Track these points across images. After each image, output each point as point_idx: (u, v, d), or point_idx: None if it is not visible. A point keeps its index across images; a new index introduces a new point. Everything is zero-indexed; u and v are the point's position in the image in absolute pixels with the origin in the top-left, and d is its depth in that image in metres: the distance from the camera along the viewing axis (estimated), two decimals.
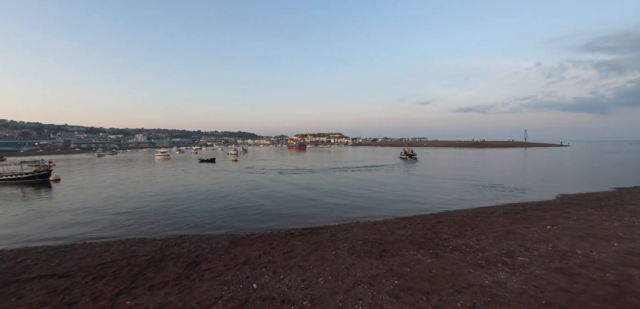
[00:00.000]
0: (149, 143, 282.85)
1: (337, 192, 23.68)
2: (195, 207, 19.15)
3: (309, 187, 26.41)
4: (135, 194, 24.46)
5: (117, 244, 11.76)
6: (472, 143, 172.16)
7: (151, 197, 22.62)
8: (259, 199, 21.52)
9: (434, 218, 14.70)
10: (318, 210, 17.97)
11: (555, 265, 7.03)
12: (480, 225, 12.39)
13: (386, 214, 16.65)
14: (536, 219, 13.19)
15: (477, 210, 16.73)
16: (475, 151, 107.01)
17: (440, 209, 17.49)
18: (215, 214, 17.16)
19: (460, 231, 11.35)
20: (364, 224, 13.94)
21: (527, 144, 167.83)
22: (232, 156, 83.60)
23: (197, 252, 9.92)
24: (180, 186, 28.46)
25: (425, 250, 8.73)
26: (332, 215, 16.75)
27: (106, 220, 16.45)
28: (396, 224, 13.45)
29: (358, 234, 11.67)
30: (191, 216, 16.85)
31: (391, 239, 10.42)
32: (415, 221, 13.99)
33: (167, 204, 20.21)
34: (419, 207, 18.45)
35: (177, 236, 13.08)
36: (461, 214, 15.49)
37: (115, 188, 27.74)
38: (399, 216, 15.94)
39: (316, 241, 10.75)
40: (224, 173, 39.07)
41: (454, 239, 10.03)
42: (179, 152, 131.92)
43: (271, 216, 16.56)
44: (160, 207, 19.08)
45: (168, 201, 21.04)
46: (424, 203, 19.56)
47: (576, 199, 18.92)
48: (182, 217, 16.62)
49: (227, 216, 16.67)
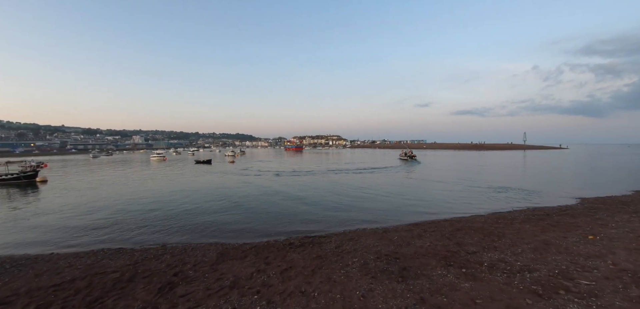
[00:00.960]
0: (146, 144, 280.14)
1: (338, 196, 21.95)
2: (185, 211, 17.42)
3: (307, 191, 24.64)
4: (123, 196, 22.68)
5: (87, 256, 10.05)
6: (472, 146, 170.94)
7: (139, 201, 20.87)
8: (255, 203, 19.77)
9: (449, 225, 13.07)
10: (319, 215, 16.23)
11: (637, 293, 5.41)
12: (506, 234, 10.78)
13: (394, 220, 14.99)
14: (568, 226, 11.60)
15: (495, 216, 15.12)
16: (475, 153, 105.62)
17: (451, 214, 15.87)
18: (205, 220, 15.42)
19: (488, 242, 9.73)
20: (373, 232, 12.29)
21: (526, 146, 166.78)
22: (229, 157, 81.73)
23: (177, 268, 8.23)
24: (173, 188, 26.69)
25: (455, 268, 7.09)
26: (335, 221, 15.06)
27: (84, 226, 14.70)
28: (409, 232, 11.81)
29: (368, 244, 10.03)
30: (179, 222, 15.14)
31: (409, 252, 8.78)
32: (430, 229, 12.35)
33: (155, 208, 18.47)
34: (428, 212, 16.83)
35: (159, 245, 11.39)
36: (479, 220, 13.87)
37: (103, 190, 25.94)
38: (410, 222, 14.31)
39: (319, 254, 9.09)
40: (219, 175, 37.30)
41: (485, 253, 8.41)
42: (175, 153, 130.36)
43: (267, 223, 14.83)
44: (147, 212, 17.36)
45: (157, 205, 19.30)
46: (432, 207, 17.93)
47: (600, 204, 17.37)
48: (169, 223, 14.91)
49: (219, 223, 14.92)
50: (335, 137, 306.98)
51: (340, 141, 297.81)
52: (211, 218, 15.80)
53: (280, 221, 15.04)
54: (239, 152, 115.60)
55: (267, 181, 30.45)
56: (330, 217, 15.86)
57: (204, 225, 14.53)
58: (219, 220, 15.41)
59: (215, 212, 17.28)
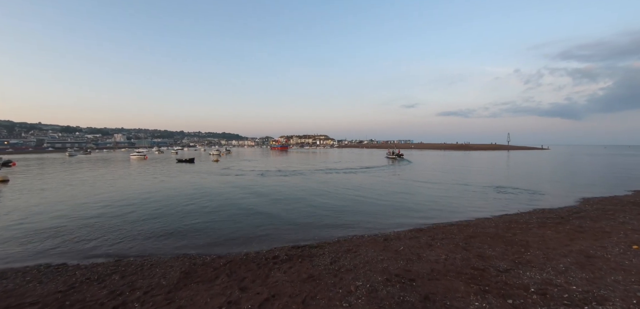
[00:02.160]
0: (129, 143, 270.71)
1: (327, 198, 19.93)
2: (154, 216, 15.08)
3: (293, 192, 22.54)
4: (89, 199, 20.02)
5: (15, 276, 7.76)
6: (457, 146, 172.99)
7: (106, 203, 18.33)
8: (235, 206, 17.53)
9: (458, 231, 11.40)
10: (307, 220, 14.21)
11: None
12: (530, 242, 9.17)
13: (393, 225, 13.22)
14: (597, 232, 10.12)
15: (504, 219, 13.59)
16: (461, 153, 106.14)
17: (455, 218, 14.29)
18: (176, 227, 13.16)
19: (515, 254, 8.06)
20: (372, 240, 10.46)
21: (510, 147, 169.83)
22: (214, 156, 78.62)
23: (120, 298, 6.12)
24: (146, 189, 24.13)
25: (496, 298, 5.31)
26: (326, 226, 13.15)
27: (30, 233, 12.23)
28: (414, 240, 10.05)
29: (370, 258, 8.19)
30: (145, 229, 12.87)
31: (424, 271, 6.99)
32: (438, 236, 10.64)
33: (120, 212, 16.06)
34: (429, 215, 15.19)
35: (112, 260, 9.19)
36: (489, 225, 12.28)
37: (67, 192, 23.11)
38: (411, 227, 12.56)
39: (311, 273, 7.17)
40: (199, 175, 34.76)
41: (521, 271, 6.70)
42: (158, 152, 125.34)
43: (247, 230, 12.71)
44: (111, 217, 14.94)
45: (122, 209, 16.86)
46: (432, 210, 16.31)
47: (608, 204, 16.22)
48: (134, 230, 12.62)
49: (191, 230, 12.69)
50: (322, 137, 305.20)
51: (327, 140, 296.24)
52: (183, 224, 13.54)
53: (263, 228, 12.98)
54: (224, 151, 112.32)
55: (250, 182, 28.24)
56: (321, 222, 13.92)
57: (173, 232, 12.33)
58: (192, 226, 13.17)
59: (189, 216, 15.05)
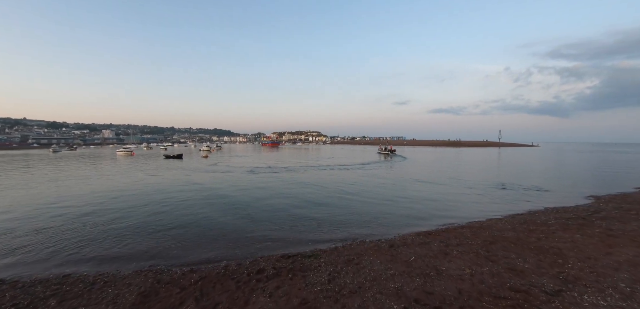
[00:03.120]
0: (117, 139, 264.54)
1: (320, 197, 18.28)
2: (120, 218, 13.15)
3: (283, 190, 20.71)
4: (53, 199, 17.96)
5: None
6: (449, 143, 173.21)
7: (69, 204, 16.32)
8: (217, 206, 15.72)
9: (472, 234, 9.96)
10: (299, 222, 12.59)
11: None
12: (562, 250, 7.78)
13: (396, 227, 11.78)
14: (632, 237, 8.80)
15: (518, 219, 12.23)
16: (453, 149, 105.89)
17: (462, 219, 12.92)
18: (146, 230, 11.35)
19: (551, 266, 6.63)
20: (375, 247, 8.91)
21: (501, 144, 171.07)
22: (203, 152, 76.38)
23: None
24: (124, 187, 22.14)
25: None
26: (320, 229, 11.57)
27: None
28: (425, 247, 8.54)
29: (377, 272, 6.66)
30: (110, 234, 11.06)
31: (450, 293, 5.48)
32: (450, 241, 9.16)
33: (91, 213, 14.12)
34: (434, 215, 13.83)
35: (57, 277, 7.43)
36: (505, 227, 10.87)
37: (31, 191, 20.98)
38: (417, 231, 11.06)
39: (305, 296, 5.58)
40: (185, 172, 32.76)
41: (572, 292, 5.26)
42: (147, 148, 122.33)
43: (228, 234, 11.00)
44: (72, 219, 13.04)
45: (95, 209, 14.89)
46: (436, 210, 14.90)
47: (624, 202, 15.09)
48: (94, 236, 10.78)
49: (163, 235, 10.86)
50: (315, 133, 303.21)
51: (320, 137, 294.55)
52: (156, 226, 11.77)
53: (247, 231, 11.31)
54: (215, 147, 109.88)
55: (237, 179, 26.45)
56: (314, 224, 12.32)
57: (142, 237, 10.56)
58: (166, 229, 11.40)
59: (164, 216, 13.22)
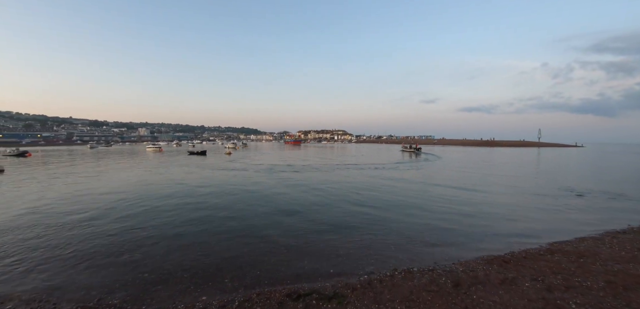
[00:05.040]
0: (152, 137, 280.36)
1: (344, 203, 15.69)
2: (108, 225, 13.04)
3: (299, 195, 18.18)
4: (72, 195, 18.68)
5: None
6: (482, 142, 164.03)
7: (76, 203, 16.79)
8: (228, 211, 14.84)
9: (574, 265, 7.54)
10: (319, 237, 10.42)
11: None
12: None
13: (446, 246, 9.43)
14: None
15: (630, 241, 9.57)
16: (487, 149, 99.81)
17: (537, 236, 10.54)
18: (128, 247, 9.93)
19: None
20: (431, 282, 6.74)
21: (540, 144, 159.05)
22: (228, 149, 78.09)
23: None
24: (137, 185, 22.64)
25: None
26: (343, 248, 9.30)
27: None
28: (512, 289, 6.27)
29: None
30: (88, 246, 10.92)
31: None
32: (551, 280, 6.69)
33: (91, 216, 14.34)
34: (495, 231, 11.23)
35: None
36: (616, 255, 8.26)
37: (55, 186, 22.02)
38: (481, 254, 8.65)
39: None
40: (200, 168, 33.24)
41: None
42: (176, 145, 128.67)
43: (226, 251, 9.21)
44: (71, 225, 13.25)
45: (90, 210, 15.16)
46: (497, 223, 12.29)
47: None
48: (85, 248, 10.71)
49: (148, 250, 9.32)
50: (340, 132, 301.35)
51: (345, 135, 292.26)
52: (143, 240, 10.36)
53: (249, 253, 9.10)
54: (241, 145, 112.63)
55: (246, 178, 26.08)
56: (338, 242, 9.95)
57: (120, 259, 10.16)
58: (151, 244, 9.96)
59: (151, 224, 12.82)
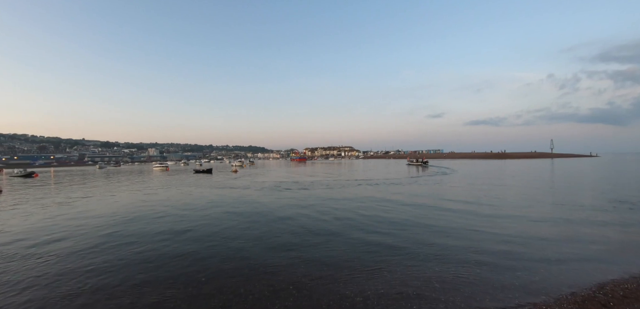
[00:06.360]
0: (161, 157, 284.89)
1: (353, 228, 13.09)
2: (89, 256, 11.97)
3: (304, 219, 15.24)
4: (63, 217, 17.61)
5: None
6: (493, 154, 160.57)
7: (58, 229, 15.73)
8: (210, 242, 13.55)
9: None
10: (331, 272, 8.18)
11: None
12: None
13: (496, 291, 6.89)
14: None
15: None
16: (500, 162, 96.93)
17: (610, 262, 8.57)
18: (91, 285, 9.80)
19: None
20: None
21: (553, 154, 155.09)
22: (234, 167, 77.51)
23: None
24: (136, 206, 21.60)
25: None
26: (360, 287, 7.19)
27: None
28: None
29: None
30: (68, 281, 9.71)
31: None
32: None
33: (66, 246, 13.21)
34: (564, 256, 9.10)
35: None
36: None
37: (47, 207, 21.08)
38: (566, 293, 6.76)
39: None
40: (202, 188, 32.14)
41: None
42: (183, 164, 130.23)
43: (211, 296, 8.62)
44: (59, 253, 12.10)
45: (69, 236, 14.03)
46: (569, 250, 9.75)
47: None
48: (76, 280, 9.50)
49: (109, 291, 8.46)
50: (347, 148, 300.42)
51: (352, 151, 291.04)
52: (107, 276, 9.83)
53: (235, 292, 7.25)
54: (248, 163, 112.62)
55: (247, 196, 24.82)
56: (351, 284, 7.41)
57: (78, 301, 8.96)
58: (114, 285, 9.43)
59: (129, 259, 11.67)
